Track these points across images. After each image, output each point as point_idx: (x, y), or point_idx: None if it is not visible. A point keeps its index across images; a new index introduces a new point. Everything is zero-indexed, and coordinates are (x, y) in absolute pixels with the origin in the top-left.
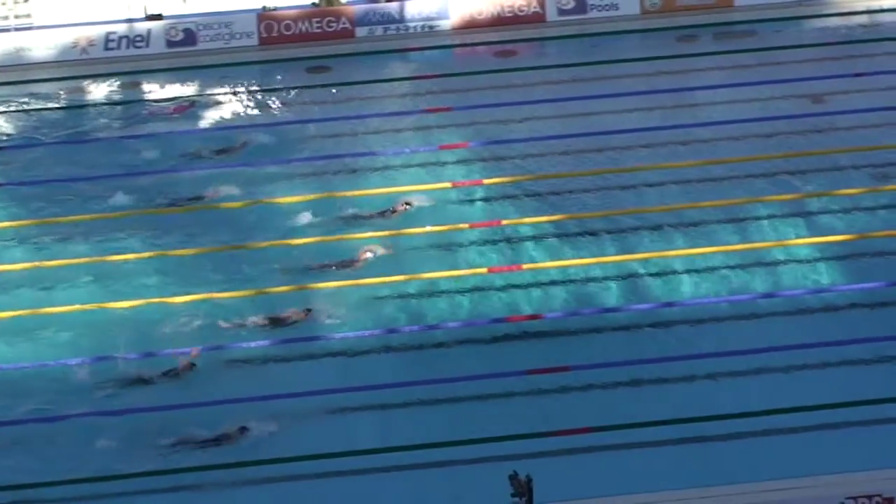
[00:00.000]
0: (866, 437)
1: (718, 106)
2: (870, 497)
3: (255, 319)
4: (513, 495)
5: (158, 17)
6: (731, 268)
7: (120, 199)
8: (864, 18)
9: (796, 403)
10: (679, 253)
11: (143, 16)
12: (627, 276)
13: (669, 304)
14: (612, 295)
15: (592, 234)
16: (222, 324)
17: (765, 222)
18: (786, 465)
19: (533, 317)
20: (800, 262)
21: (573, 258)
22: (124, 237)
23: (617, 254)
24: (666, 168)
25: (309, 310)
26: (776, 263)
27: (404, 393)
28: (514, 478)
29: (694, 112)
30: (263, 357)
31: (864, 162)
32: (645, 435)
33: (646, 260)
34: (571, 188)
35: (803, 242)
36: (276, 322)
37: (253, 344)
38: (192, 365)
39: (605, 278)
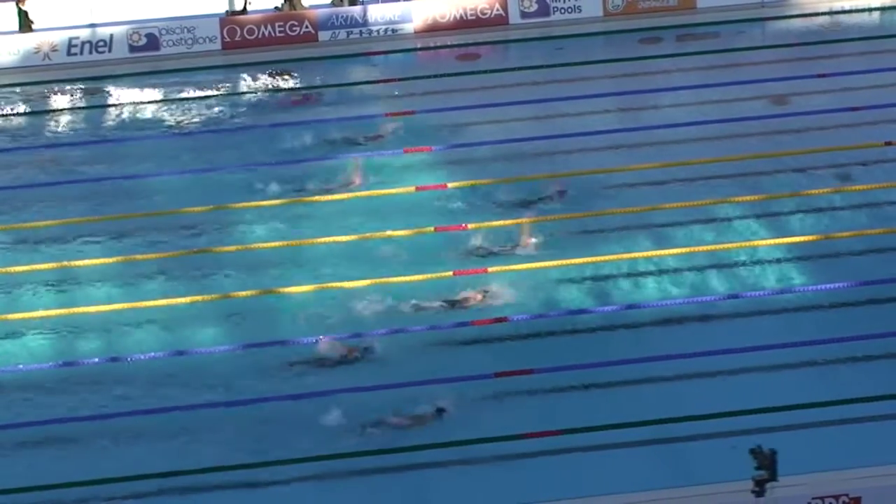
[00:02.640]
0: (833, 437)
1: (682, 107)
2: (836, 497)
3: (431, 303)
4: (756, 468)
5: (243, 12)
6: (697, 269)
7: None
8: (826, 19)
9: (762, 404)
10: (645, 254)
11: (226, 11)
12: (593, 278)
13: (635, 306)
14: (578, 297)
15: (557, 236)
16: (401, 307)
17: (729, 223)
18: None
19: (499, 320)
20: (764, 262)
21: (539, 261)
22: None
23: (583, 256)
24: (631, 170)
25: (486, 291)
26: (741, 264)
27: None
28: (757, 452)
29: (657, 114)
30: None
31: (828, 162)
32: (611, 437)
33: (611, 262)
34: (536, 191)
35: (768, 243)
36: (453, 304)
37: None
38: (361, 349)
39: (572, 280)
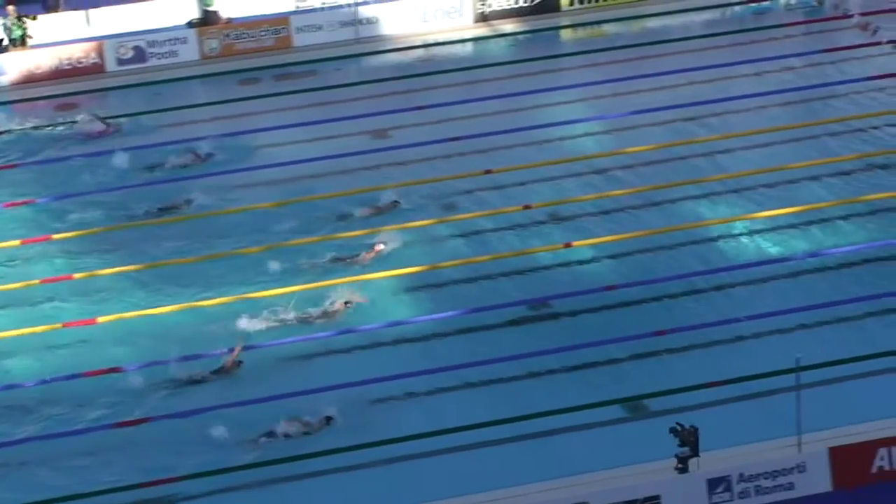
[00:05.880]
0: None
1: (283, 146)
2: None
3: (288, 316)
4: (679, 445)
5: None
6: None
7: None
8: (420, 52)
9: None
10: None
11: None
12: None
13: (398, 323)
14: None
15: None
16: (260, 322)
17: (334, 258)
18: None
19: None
20: (373, 295)
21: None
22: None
23: (246, 292)
24: (234, 212)
25: (348, 302)
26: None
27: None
28: (679, 430)
29: (259, 153)
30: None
31: (431, 193)
32: None
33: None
34: (137, 237)
35: (376, 276)
36: (319, 316)
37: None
38: (238, 362)
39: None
